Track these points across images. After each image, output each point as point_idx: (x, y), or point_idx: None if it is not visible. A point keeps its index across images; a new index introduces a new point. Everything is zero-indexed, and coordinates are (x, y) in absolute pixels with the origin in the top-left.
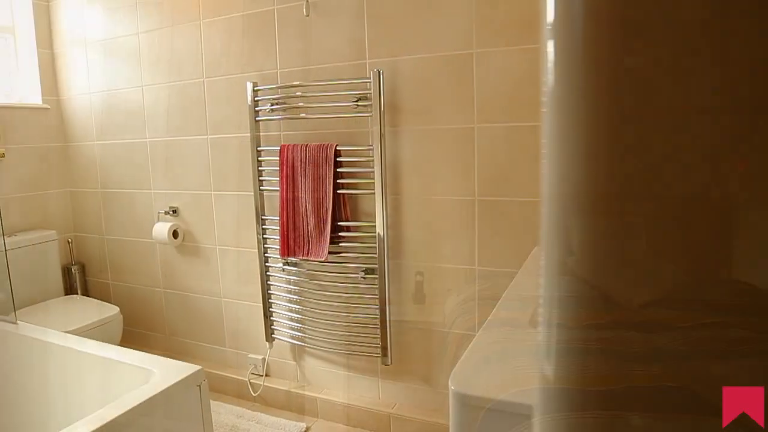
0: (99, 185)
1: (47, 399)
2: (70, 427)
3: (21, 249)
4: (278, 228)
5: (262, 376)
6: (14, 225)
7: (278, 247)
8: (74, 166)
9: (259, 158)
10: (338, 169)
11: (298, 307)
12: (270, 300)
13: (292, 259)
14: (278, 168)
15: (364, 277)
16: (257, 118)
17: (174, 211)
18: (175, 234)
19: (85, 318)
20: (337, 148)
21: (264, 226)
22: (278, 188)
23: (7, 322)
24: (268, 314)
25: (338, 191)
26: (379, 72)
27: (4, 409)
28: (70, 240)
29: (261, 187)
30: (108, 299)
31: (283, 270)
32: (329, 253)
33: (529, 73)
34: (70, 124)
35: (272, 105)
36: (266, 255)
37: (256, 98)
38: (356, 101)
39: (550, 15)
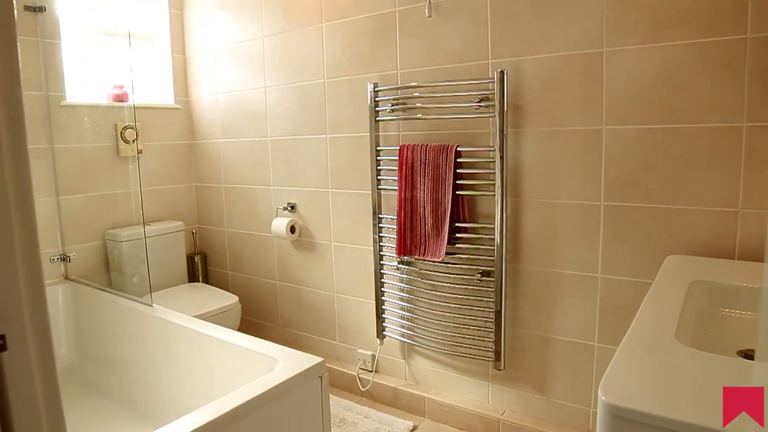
0: (222, 180)
1: (177, 378)
2: (202, 408)
3: (154, 238)
4: (394, 227)
5: (371, 371)
6: (148, 216)
7: (393, 245)
8: (200, 162)
9: (378, 158)
10: (458, 170)
11: (410, 305)
12: (383, 297)
13: (407, 258)
14: (397, 167)
15: (480, 280)
16: (377, 118)
17: (292, 207)
18: (292, 229)
19: (208, 305)
20: (458, 149)
21: (380, 225)
22: (396, 188)
23: (144, 304)
24: (380, 311)
25: (457, 192)
26: (503, 72)
27: (136, 383)
28: (194, 231)
29: (378, 186)
30: (226, 288)
31: (398, 269)
32: (445, 253)
33: (665, 72)
34: (197, 123)
35: (392, 105)
36: (381, 253)
37: (376, 98)
38: (478, 102)
39: None
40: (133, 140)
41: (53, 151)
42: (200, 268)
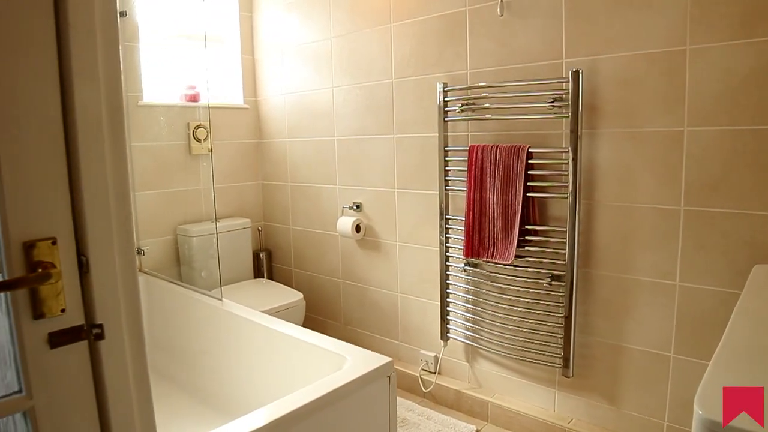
0: (288, 179)
1: (246, 372)
2: (273, 404)
3: (222, 234)
4: (462, 228)
5: (433, 373)
6: (217, 212)
7: (460, 247)
8: (267, 160)
9: (446, 158)
10: (528, 172)
11: (476, 308)
12: (448, 299)
13: (474, 260)
14: (466, 168)
15: (549, 284)
16: (446, 119)
17: (357, 207)
18: (357, 228)
19: (273, 301)
20: (529, 150)
21: (447, 226)
22: (464, 188)
23: (214, 298)
24: (444, 313)
25: (528, 194)
26: (578, 72)
27: (204, 374)
28: (260, 228)
29: (446, 187)
30: (290, 285)
31: (464, 270)
32: (514, 256)
33: (756, 70)
34: (265, 122)
35: (462, 105)
36: (447, 254)
37: (445, 99)
38: (551, 102)
39: None
40: (204, 139)
41: (131, 149)
42: (265, 264)
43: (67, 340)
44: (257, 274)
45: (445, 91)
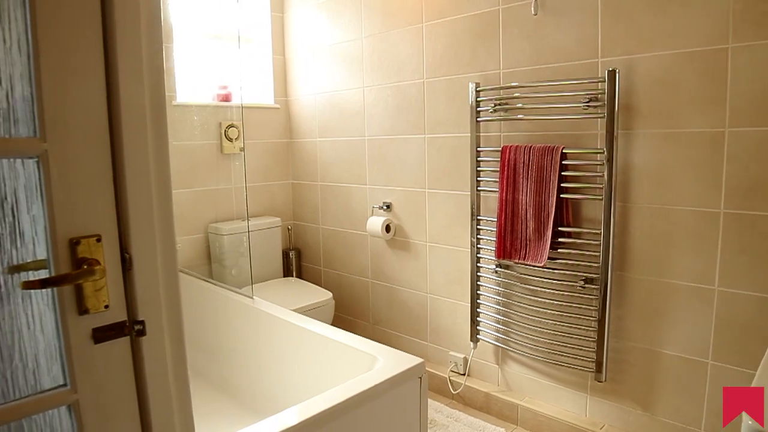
0: (318, 178)
1: (276, 370)
2: (304, 403)
3: (252, 233)
4: (493, 229)
5: (462, 375)
6: (248, 211)
7: (492, 248)
8: (297, 160)
9: (478, 158)
10: (562, 173)
11: (506, 310)
12: (478, 300)
13: (506, 261)
14: (498, 169)
15: (582, 287)
16: (478, 119)
17: (387, 206)
18: (387, 228)
19: (303, 299)
20: (563, 150)
21: (478, 227)
22: (496, 189)
23: (245, 296)
24: (475, 314)
25: (561, 195)
26: (615, 71)
27: (235, 371)
28: (289, 227)
29: (478, 188)
30: (319, 284)
31: (495, 272)
32: (547, 258)
33: None
34: (295, 122)
35: (495, 105)
36: (478, 255)
37: (477, 99)
38: (587, 102)
39: None
40: (236, 138)
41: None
42: (294, 263)
43: (110, 336)
44: (286, 272)
45: (477, 91)
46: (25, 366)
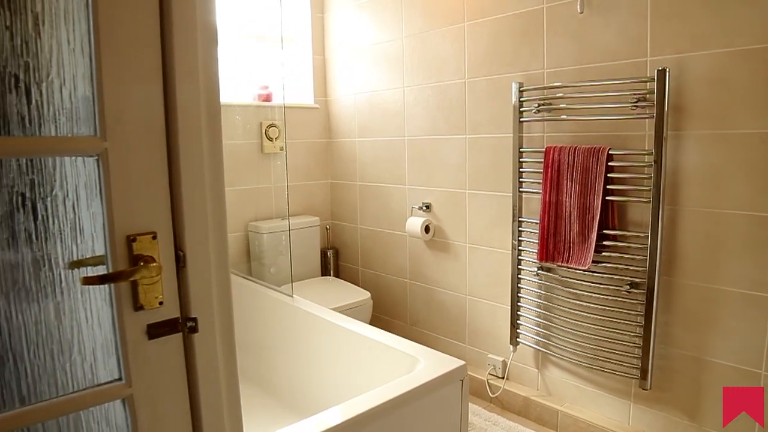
0: (357, 178)
1: (316, 369)
2: (347, 403)
3: (292, 231)
4: (535, 231)
5: (501, 378)
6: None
7: (533, 250)
8: (336, 160)
9: (521, 159)
10: (608, 174)
11: (548, 313)
12: (518, 303)
13: (548, 264)
14: (541, 170)
15: (628, 291)
16: (521, 119)
17: (427, 207)
18: (426, 229)
19: (341, 299)
20: (610, 152)
21: (520, 229)
22: (539, 191)
23: (285, 294)
24: (515, 317)
25: (607, 197)
26: (665, 71)
27: (273, 369)
28: (328, 227)
29: (520, 189)
30: (356, 284)
31: (537, 275)
32: (591, 262)
33: None
34: (335, 122)
35: (538, 106)
36: (519, 258)
37: (521, 99)
38: (635, 102)
39: None
40: (276, 138)
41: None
42: (332, 262)
43: (164, 332)
44: (324, 272)
45: (520, 92)
46: (83, 359)
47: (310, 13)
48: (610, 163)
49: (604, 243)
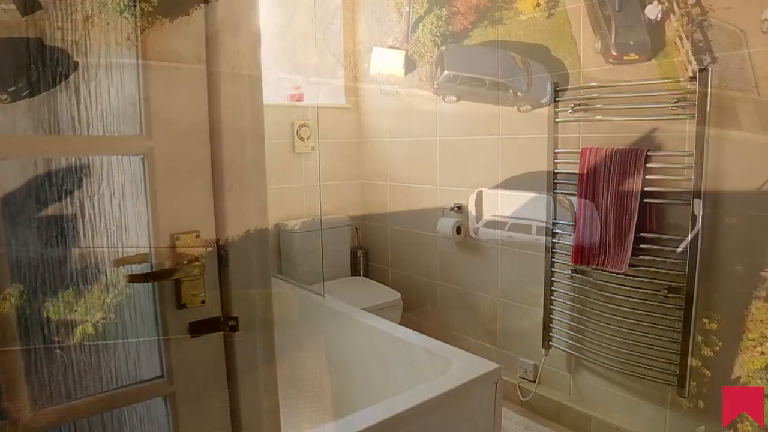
0: (388, 179)
1: (347, 369)
2: (382, 404)
3: (323, 231)
4: (570, 233)
5: (532, 382)
6: (316, 209)
7: (568, 252)
8: (367, 160)
9: (555, 160)
10: (646, 176)
11: (582, 317)
12: (551, 306)
13: (582, 267)
14: (576, 171)
15: (666, 296)
16: (556, 120)
17: (458, 208)
18: (458, 230)
19: (371, 299)
20: (648, 153)
21: (554, 230)
22: (574, 192)
23: (315, 293)
24: (548, 320)
25: (644, 200)
26: (707, 69)
27: (305, 369)
28: (358, 227)
29: (555, 190)
30: (386, 284)
31: (571, 277)
32: (628, 265)
33: None
34: (366, 122)
35: (574, 106)
36: (553, 260)
37: (556, 99)
38: (675, 102)
39: None
40: (308, 137)
41: None
42: (362, 262)
43: (205, 330)
44: (354, 271)
45: (556, 91)
46: (127, 356)
47: (342, 13)
48: (647, 165)
49: (641, 246)
